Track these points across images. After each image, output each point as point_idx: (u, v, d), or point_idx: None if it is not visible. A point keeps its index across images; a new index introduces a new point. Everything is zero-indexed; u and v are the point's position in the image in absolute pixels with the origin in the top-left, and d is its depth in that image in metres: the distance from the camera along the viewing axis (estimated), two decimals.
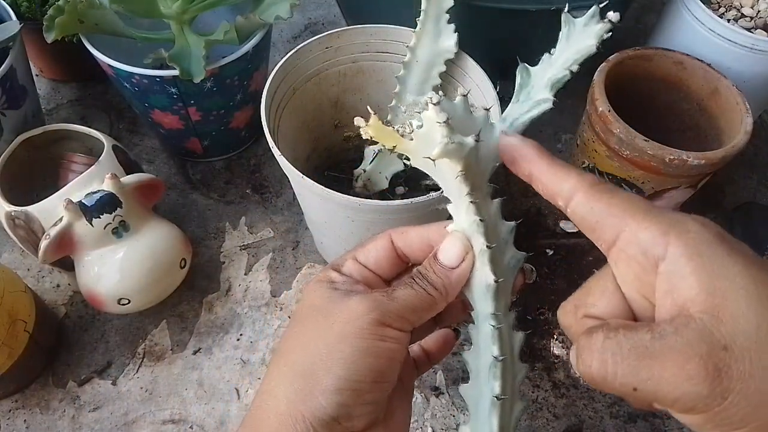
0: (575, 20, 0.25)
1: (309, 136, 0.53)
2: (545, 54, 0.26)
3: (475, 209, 0.26)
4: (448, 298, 0.28)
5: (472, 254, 0.28)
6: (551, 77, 0.26)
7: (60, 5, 0.46)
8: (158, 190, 0.50)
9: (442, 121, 0.23)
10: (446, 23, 0.44)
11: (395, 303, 0.27)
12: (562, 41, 0.26)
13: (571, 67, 0.26)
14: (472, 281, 0.28)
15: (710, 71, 0.51)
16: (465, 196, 0.26)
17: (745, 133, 0.46)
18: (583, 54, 0.25)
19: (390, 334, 0.27)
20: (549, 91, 0.26)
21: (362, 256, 0.30)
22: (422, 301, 0.27)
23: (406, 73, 0.47)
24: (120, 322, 0.51)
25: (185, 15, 0.50)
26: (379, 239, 0.30)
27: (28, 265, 0.54)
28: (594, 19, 0.25)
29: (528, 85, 0.27)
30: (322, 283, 0.29)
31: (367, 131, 0.25)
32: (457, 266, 0.28)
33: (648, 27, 0.74)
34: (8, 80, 0.49)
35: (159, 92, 0.50)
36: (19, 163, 0.50)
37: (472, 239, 0.28)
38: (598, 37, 0.25)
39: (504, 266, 0.29)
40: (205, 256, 0.55)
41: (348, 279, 0.29)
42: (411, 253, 0.30)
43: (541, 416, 0.47)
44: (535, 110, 0.27)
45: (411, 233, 0.30)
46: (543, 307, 0.53)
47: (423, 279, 0.28)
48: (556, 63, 0.26)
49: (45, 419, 0.46)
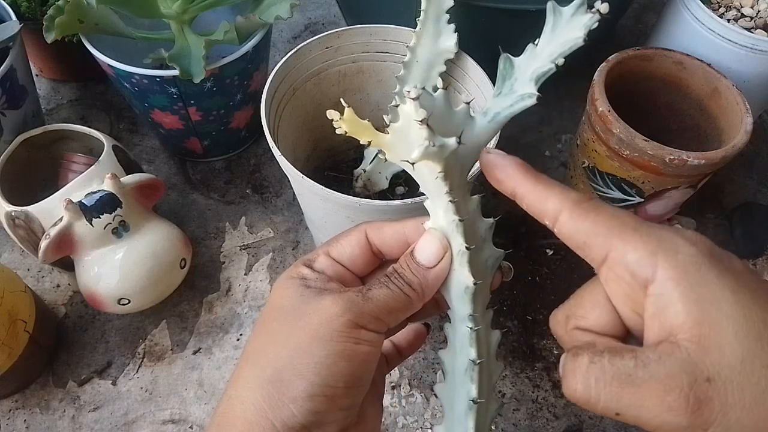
0: (562, 9, 0.24)
1: (309, 136, 0.53)
2: (529, 44, 0.24)
3: (454, 208, 0.26)
4: (424, 298, 0.27)
5: (450, 253, 0.27)
6: (536, 70, 0.24)
7: (60, 5, 0.46)
8: (158, 190, 0.50)
9: (421, 120, 0.21)
10: (446, 23, 0.44)
11: (370, 303, 0.26)
12: (547, 32, 0.24)
13: (557, 60, 0.24)
14: (449, 281, 0.28)
15: (710, 71, 0.51)
16: (444, 195, 0.25)
17: (745, 133, 0.46)
18: (570, 46, 0.24)
19: (365, 336, 0.25)
20: (533, 84, 0.24)
21: (336, 251, 0.29)
22: (398, 301, 0.27)
23: (406, 73, 0.47)
24: (120, 322, 0.51)
25: (185, 15, 0.50)
26: (354, 234, 0.29)
27: (28, 265, 0.54)
28: (581, 9, 0.23)
29: (511, 76, 0.26)
30: (294, 279, 0.28)
31: (341, 125, 0.24)
32: (435, 265, 0.27)
33: (648, 27, 0.74)
34: (8, 80, 0.49)
35: (159, 92, 0.50)
36: (19, 163, 0.50)
37: (451, 239, 0.27)
38: (585, 29, 0.23)
39: (482, 266, 0.28)
40: (205, 256, 0.55)
41: (320, 276, 0.28)
42: (386, 249, 0.29)
43: (541, 416, 0.47)
44: (518, 105, 0.25)
45: (387, 229, 0.29)
46: (543, 307, 0.53)
47: (399, 278, 0.27)
48: (541, 55, 0.24)
49: (45, 419, 0.46)
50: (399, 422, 0.47)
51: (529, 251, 0.56)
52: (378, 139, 0.24)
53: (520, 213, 0.26)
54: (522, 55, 0.25)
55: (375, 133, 0.24)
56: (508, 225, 0.56)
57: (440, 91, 0.23)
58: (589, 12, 0.23)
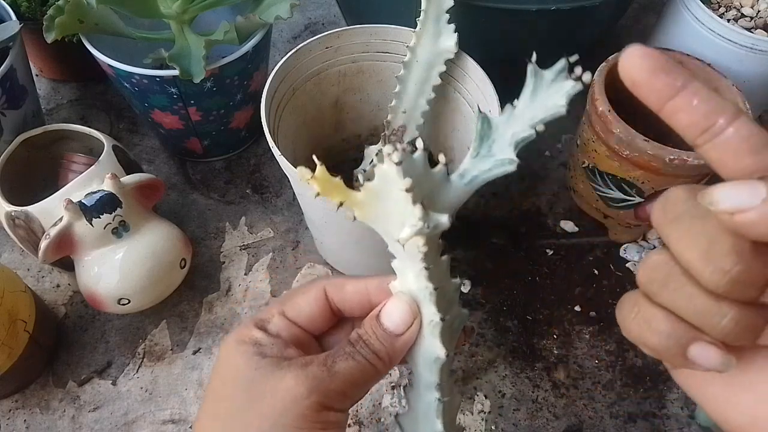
0: (543, 73, 0.22)
1: (309, 136, 0.52)
2: (508, 105, 0.23)
3: (428, 275, 0.24)
4: (391, 366, 0.25)
5: (420, 320, 0.25)
6: (515, 134, 0.23)
7: (60, 5, 0.46)
8: (158, 190, 0.50)
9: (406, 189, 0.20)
10: (446, 23, 0.44)
11: (337, 380, 0.23)
12: (527, 94, 0.23)
13: (537, 126, 0.23)
14: (416, 348, 0.26)
15: (710, 71, 0.51)
16: (418, 262, 0.23)
17: None
18: (552, 114, 0.22)
19: (332, 418, 0.23)
20: (513, 150, 0.23)
21: (292, 311, 0.27)
22: (365, 373, 0.24)
23: (406, 73, 0.47)
24: (120, 322, 0.51)
25: (185, 15, 0.50)
26: (312, 291, 0.27)
27: (28, 265, 0.54)
28: (562, 74, 0.22)
29: (489, 137, 0.24)
30: (246, 345, 0.25)
31: (313, 184, 0.22)
32: (403, 333, 0.25)
33: (648, 27, 0.74)
34: (8, 80, 0.49)
35: (159, 92, 0.50)
36: (19, 163, 0.50)
37: (422, 306, 0.25)
38: (567, 97, 0.22)
39: (451, 333, 0.26)
40: (205, 256, 0.55)
41: (276, 341, 0.25)
42: (347, 308, 0.27)
43: (541, 416, 0.47)
44: (497, 170, 0.24)
45: (348, 287, 0.27)
46: (543, 306, 0.53)
47: (365, 347, 0.25)
48: (521, 118, 0.23)
49: (45, 419, 0.46)
50: None
51: (529, 251, 0.56)
52: (351, 198, 0.23)
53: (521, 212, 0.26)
54: (501, 115, 0.24)
55: (348, 194, 0.23)
56: (508, 225, 0.56)
57: (419, 152, 0.22)
58: (571, 79, 0.22)
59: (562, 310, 0.53)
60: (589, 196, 0.54)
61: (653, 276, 0.20)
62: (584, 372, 0.49)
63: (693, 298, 0.19)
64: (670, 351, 0.20)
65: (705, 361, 0.19)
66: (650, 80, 0.20)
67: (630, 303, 0.21)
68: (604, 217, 0.55)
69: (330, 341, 0.28)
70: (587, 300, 0.53)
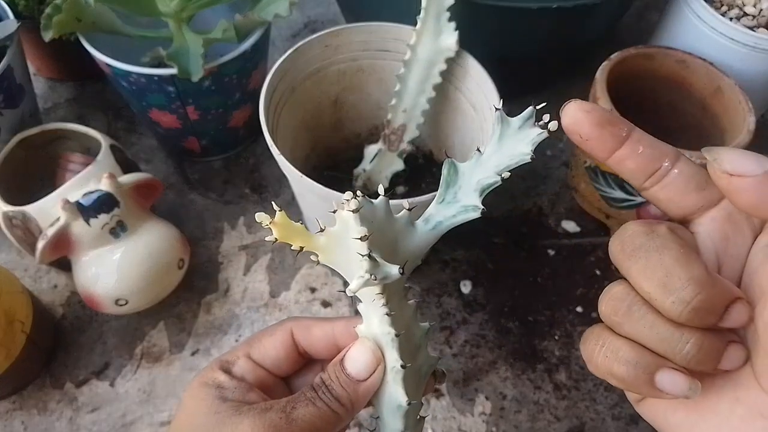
0: (510, 120, 0.22)
1: (308, 135, 0.52)
2: (475, 152, 0.23)
3: (390, 321, 0.24)
4: (353, 413, 0.25)
5: (383, 365, 0.25)
6: (480, 181, 0.23)
7: (57, 3, 0.45)
8: (156, 190, 0.49)
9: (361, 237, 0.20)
10: (447, 21, 0.44)
11: (296, 426, 0.23)
12: (494, 141, 0.23)
13: (503, 173, 0.23)
14: (381, 394, 0.26)
15: (713, 70, 0.50)
16: (380, 308, 0.23)
17: (747, 132, 0.46)
18: (517, 161, 0.22)
19: None
20: (478, 196, 0.23)
21: (257, 353, 0.26)
22: (326, 420, 0.24)
23: (406, 71, 0.46)
24: (117, 323, 0.51)
25: (183, 13, 0.49)
26: (278, 333, 0.27)
27: (25, 265, 0.54)
28: (529, 121, 0.22)
29: (455, 183, 0.24)
30: (209, 388, 0.25)
31: (273, 231, 0.22)
32: (366, 379, 0.25)
33: (650, 25, 0.74)
34: (5, 79, 0.49)
35: (157, 91, 0.50)
36: (16, 163, 0.49)
37: (385, 351, 0.25)
38: (533, 145, 0.22)
39: (417, 378, 0.26)
40: (203, 256, 0.55)
41: (239, 384, 0.25)
42: (314, 351, 0.27)
43: (543, 418, 0.47)
44: (461, 216, 0.24)
45: (315, 330, 0.27)
46: (544, 307, 0.52)
47: (327, 392, 0.24)
48: (487, 164, 0.23)
49: (42, 420, 0.46)
50: None
51: (530, 251, 0.55)
52: (312, 243, 0.22)
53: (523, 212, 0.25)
54: (468, 161, 0.24)
55: (309, 237, 0.22)
56: (510, 225, 0.56)
57: (381, 198, 0.22)
58: (537, 127, 0.22)
59: (563, 311, 0.52)
60: (590, 196, 0.54)
61: (616, 307, 0.21)
62: (586, 373, 0.49)
63: (655, 326, 0.20)
64: (638, 380, 0.20)
65: (672, 388, 0.20)
66: (598, 134, 0.21)
67: (594, 337, 0.22)
68: (606, 217, 0.55)
69: (298, 383, 0.28)
70: (589, 301, 0.53)
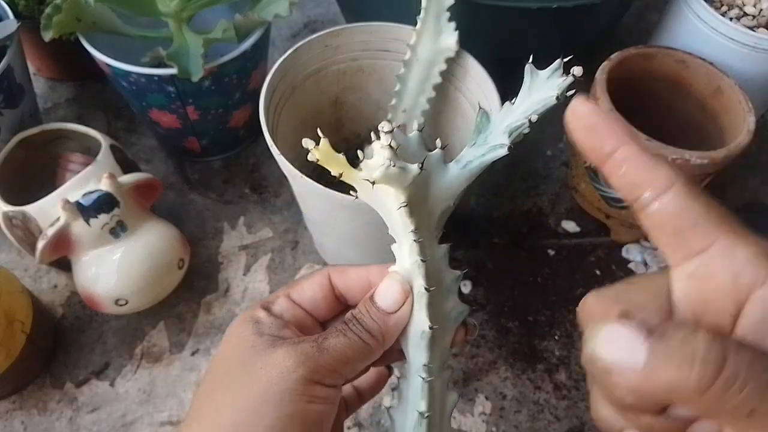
0: (539, 72, 0.25)
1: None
2: (506, 102, 0.26)
3: (418, 249, 0.25)
4: (384, 346, 0.26)
5: (412, 298, 0.26)
6: (510, 124, 0.25)
7: (57, 3, 0.45)
8: (156, 190, 0.49)
9: (387, 144, 0.22)
10: (447, 21, 0.44)
11: (326, 355, 0.24)
12: (524, 91, 0.25)
13: (531, 117, 0.25)
14: (407, 328, 0.26)
15: (713, 70, 0.50)
16: (409, 234, 0.24)
17: (747, 132, 0.46)
18: (544, 105, 0.25)
19: (320, 393, 0.24)
20: (506, 137, 0.25)
21: (296, 293, 0.27)
22: (357, 350, 0.25)
23: (406, 71, 0.46)
24: (117, 323, 0.51)
25: (183, 13, 0.49)
26: (316, 277, 0.28)
27: (25, 265, 0.54)
28: (557, 72, 0.25)
29: (486, 129, 0.26)
30: (247, 324, 0.26)
31: (314, 154, 0.24)
32: (396, 311, 0.26)
33: (650, 25, 0.74)
34: (5, 79, 0.49)
35: (157, 91, 0.50)
36: (16, 163, 0.49)
37: (413, 281, 0.26)
38: (560, 90, 0.24)
39: (443, 315, 0.27)
40: (203, 256, 0.55)
41: (276, 321, 0.26)
42: (350, 294, 0.28)
43: (543, 418, 0.47)
44: (489, 155, 0.26)
45: (351, 273, 0.28)
46: (544, 307, 0.52)
47: (358, 324, 0.25)
48: (516, 111, 0.26)
49: (42, 420, 0.46)
50: None
51: (530, 251, 0.55)
52: (350, 173, 0.24)
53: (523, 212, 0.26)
54: (499, 112, 0.26)
55: (347, 167, 0.24)
56: (510, 224, 0.56)
57: (415, 133, 0.24)
58: (564, 75, 0.24)
59: (563, 311, 0.52)
60: (590, 196, 0.54)
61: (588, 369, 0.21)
62: (586, 374, 0.49)
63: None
64: None
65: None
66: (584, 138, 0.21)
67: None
68: (606, 218, 0.55)
69: None
70: None
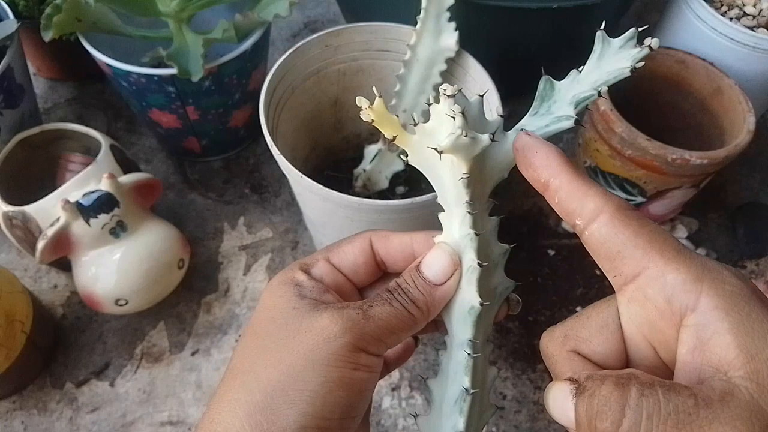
0: (611, 40, 0.23)
1: (308, 136, 0.52)
2: (573, 70, 0.24)
3: (471, 221, 0.24)
4: (428, 318, 0.25)
5: (460, 271, 0.25)
6: (577, 95, 0.24)
7: (58, 3, 0.45)
8: (156, 190, 0.49)
9: (458, 112, 0.21)
10: (447, 21, 0.44)
11: (372, 323, 0.23)
12: (593, 59, 0.24)
13: (600, 88, 0.24)
14: (452, 302, 0.26)
15: (713, 70, 0.50)
16: (463, 205, 0.24)
17: (747, 132, 0.46)
18: (616, 76, 0.23)
19: (364, 361, 0.23)
20: (572, 108, 0.24)
21: (336, 257, 0.27)
22: (402, 320, 0.24)
23: (406, 71, 0.46)
24: (117, 323, 0.51)
25: (183, 13, 0.49)
26: (358, 240, 0.27)
27: (25, 265, 0.54)
28: (631, 42, 0.23)
29: (550, 98, 0.25)
30: (288, 286, 0.25)
31: (369, 114, 0.23)
32: (443, 283, 0.25)
33: (650, 25, 0.74)
34: (5, 79, 0.49)
35: (157, 91, 0.50)
36: (17, 163, 0.49)
37: (462, 254, 0.25)
38: (633, 61, 0.23)
39: (491, 291, 0.26)
40: (203, 256, 0.55)
41: (317, 285, 0.25)
42: (391, 261, 0.27)
43: (543, 418, 0.47)
44: (553, 126, 0.24)
45: (393, 239, 0.27)
46: (545, 308, 0.52)
47: (403, 294, 0.25)
48: (584, 81, 0.24)
49: (42, 420, 0.46)
50: (399, 424, 0.46)
51: (531, 251, 0.55)
52: (404, 136, 0.23)
53: (523, 213, 0.25)
54: (564, 79, 0.24)
55: (401, 130, 0.23)
56: (510, 224, 0.56)
57: (476, 97, 0.23)
58: (639, 46, 0.23)
59: (563, 311, 0.52)
60: None
61: None
62: None
63: None
64: None
65: None
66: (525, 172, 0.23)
67: None
68: None
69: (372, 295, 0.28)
70: (589, 301, 0.53)
